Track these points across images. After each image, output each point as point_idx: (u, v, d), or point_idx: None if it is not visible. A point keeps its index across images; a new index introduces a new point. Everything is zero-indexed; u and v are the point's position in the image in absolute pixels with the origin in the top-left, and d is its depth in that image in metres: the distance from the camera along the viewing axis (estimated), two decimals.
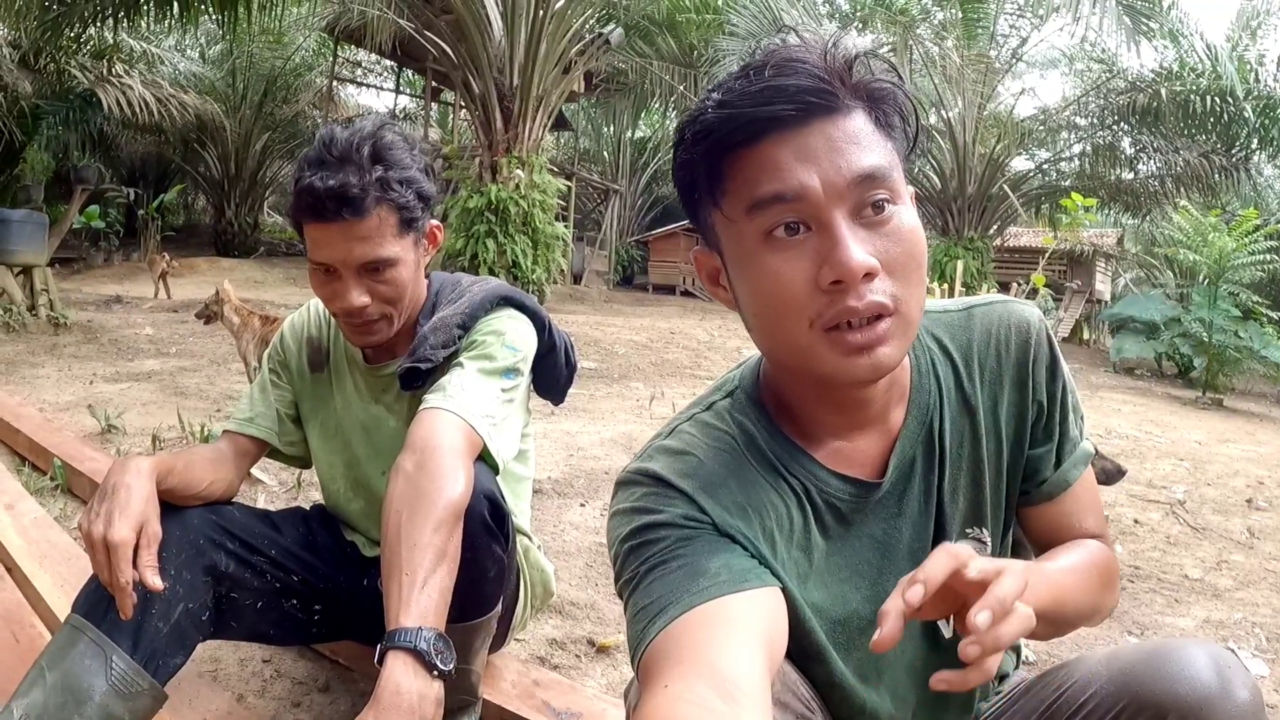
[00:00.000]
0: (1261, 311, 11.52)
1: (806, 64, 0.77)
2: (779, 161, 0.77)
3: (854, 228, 0.77)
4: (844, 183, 0.76)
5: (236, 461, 1.56)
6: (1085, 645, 2.39)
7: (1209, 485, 4.67)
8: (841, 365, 0.79)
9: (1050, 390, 0.95)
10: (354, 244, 1.38)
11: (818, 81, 0.77)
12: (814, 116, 0.77)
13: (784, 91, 0.76)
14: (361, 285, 1.41)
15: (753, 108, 0.77)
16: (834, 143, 0.77)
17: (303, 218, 1.39)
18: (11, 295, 7.75)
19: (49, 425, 3.80)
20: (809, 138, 0.77)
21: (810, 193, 0.76)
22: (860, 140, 0.78)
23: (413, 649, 1.08)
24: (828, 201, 0.76)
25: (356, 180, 1.35)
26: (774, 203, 0.77)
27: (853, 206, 0.77)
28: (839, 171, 0.76)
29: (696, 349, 9.51)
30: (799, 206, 0.77)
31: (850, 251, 0.75)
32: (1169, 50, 15.20)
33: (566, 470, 3.85)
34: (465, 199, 11.64)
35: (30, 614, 1.96)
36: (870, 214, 0.78)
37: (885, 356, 0.78)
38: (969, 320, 0.97)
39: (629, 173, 25.15)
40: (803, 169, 0.76)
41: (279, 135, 20.20)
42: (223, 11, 8.62)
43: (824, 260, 0.76)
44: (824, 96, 0.77)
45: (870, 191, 0.77)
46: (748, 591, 0.79)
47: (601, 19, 13.75)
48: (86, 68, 12.93)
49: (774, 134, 0.77)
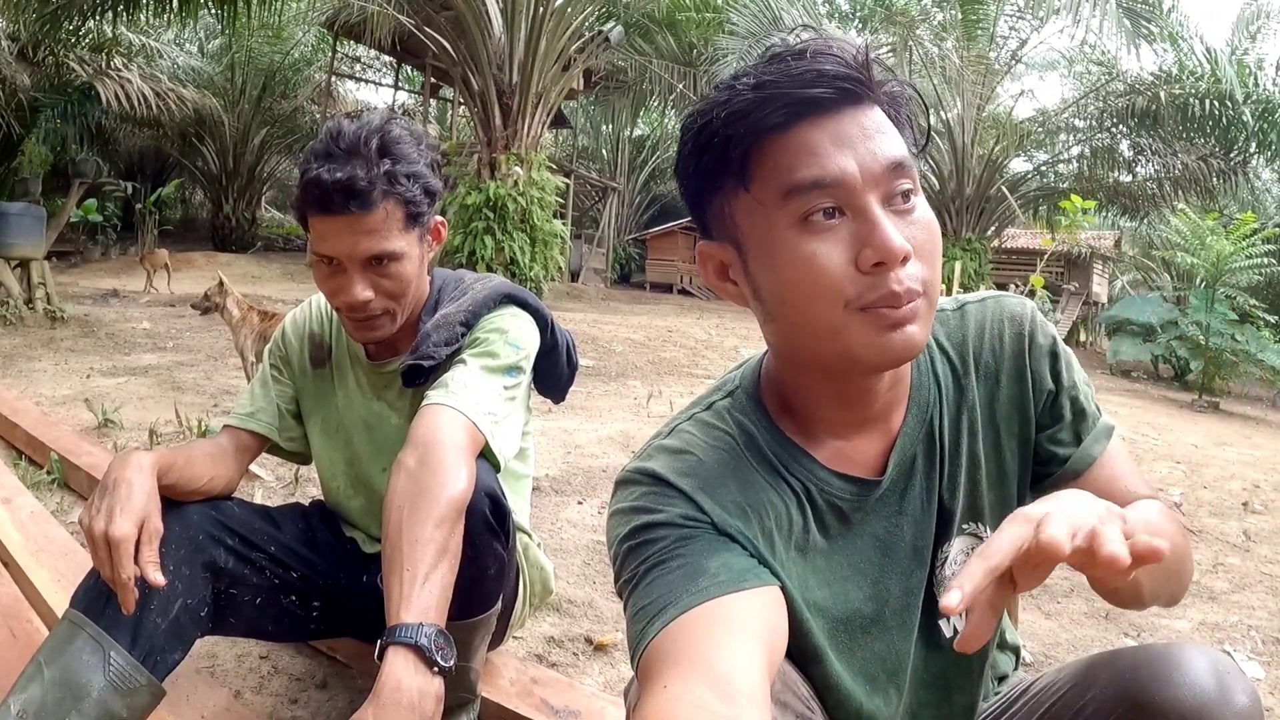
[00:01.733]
0: (1258, 315, 11.55)
1: (840, 55, 0.79)
2: (815, 146, 0.78)
3: (888, 214, 0.78)
4: (879, 169, 0.78)
5: (237, 457, 1.55)
6: (1083, 648, 2.40)
7: (1205, 488, 4.68)
8: (876, 343, 0.79)
9: (1054, 373, 0.95)
10: (360, 237, 1.37)
11: (852, 70, 0.79)
12: (847, 104, 0.79)
13: (824, 75, 0.77)
14: (365, 279, 1.41)
15: (793, 89, 0.77)
16: (866, 130, 0.79)
17: (309, 210, 1.38)
18: (9, 289, 7.74)
19: (46, 419, 3.79)
20: (844, 124, 0.78)
21: (849, 178, 0.77)
22: (886, 131, 0.80)
23: (414, 645, 1.07)
24: (864, 187, 0.77)
25: (364, 173, 1.34)
26: (813, 188, 0.77)
27: (885, 194, 0.79)
28: (875, 158, 0.78)
29: (694, 347, 9.52)
30: (837, 192, 0.77)
31: (892, 235, 0.76)
32: (1168, 53, 15.22)
33: (564, 468, 3.85)
34: (463, 196, 11.65)
35: (28, 609, 1.96)
36: (899, 202, 0.79)
37: (917, 335, 0.79)
38: (962, 318, 0.97)
39: (627, 171, 25.16)
40: (840, 155, 0.77)
41: (277, 130, 20.20)
42: (222, 6, 8.62)
43: (864, 243, 0.77)
44: (857, 85, 0.79)
45: (899, 180, 0.79)
46: (747, 591, 0.79)
47: (601, 17, 13.76)
48: (85, 61, 12.87)
49: (811, 118, 0.78)
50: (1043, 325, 0.96)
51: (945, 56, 15.92)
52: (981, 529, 0.96)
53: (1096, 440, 0.94)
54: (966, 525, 0.95)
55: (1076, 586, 2.85)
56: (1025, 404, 0.94)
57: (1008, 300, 0.98)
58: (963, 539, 0.95)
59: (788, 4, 12.67)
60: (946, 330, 0.97)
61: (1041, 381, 0.94)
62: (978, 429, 0.94)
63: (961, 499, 0.94)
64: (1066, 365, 0.95)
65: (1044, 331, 0.95)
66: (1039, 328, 0.95)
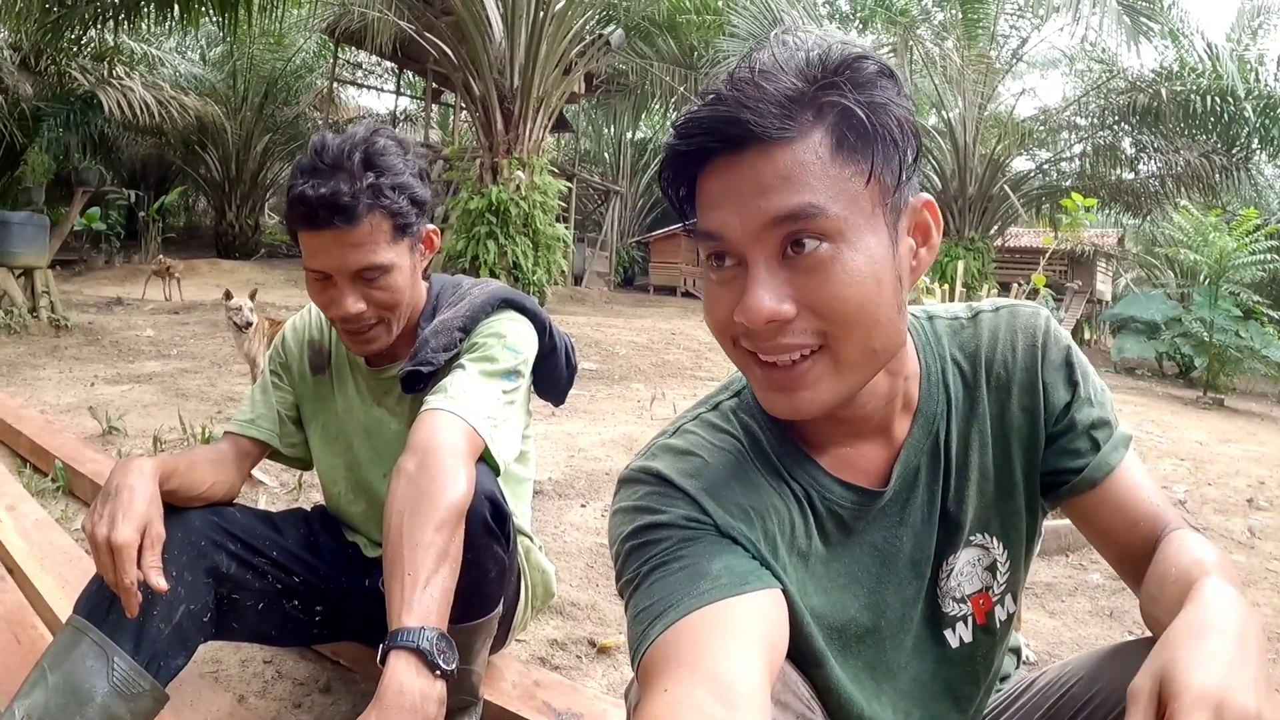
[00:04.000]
0: (1262, 311, 11.50)
1: (763, 88, 0.74)
2: (711, 196, 0.78)
3: (774, 269, 0.75)
4: (759, 225, 0.74)
5: (238, 463, 1.56)
6: (1087, 647, 2.40)
7: (1210, 485, 4.67)
8: (762, 396, 0.82)
9: (1069, 382, 0.93)
10: (347, 251, 1.38)
11: (768, 107, 0.73)
12: (748, 148, 0.74)
13: (718, 123, 0.74)
14: (356, 292, 1.41)
15: (690, 138, 0.77)
16: (761, 180, 0.74)
17: (296, 225, 1.39)
18: (13, 297, 7.76)
19: (50, 427, 3.80)
20: (738, 172, 0.75)
21: (730, 233, 0.76)
22: (792, 175, 0.73)
23: (415, 648, 1.08)
24: (745, 242, 0.76)
25: (348, 188, 1.35)
26: (707, 239, 0.78)
27: (774, 247, 0.75)
28: (759, 211, 0.74)
29: (697, 350, 9.52)
30: (722, 245, 0.77)
31: (754, 298, 0.75)
32: (1169, 50, 15.19)
33: (567, 471, 3.85)
34: (466, 200, 11.65)
35: (32, 615, 1.96)
36: (791, 253, 0.75)
37: (806, 401, 0.79)
38: (976, 328, 0.96)
39: (630, 174, 25.18)
40: (726, 208, 0.76)
41: (280, 137, 20.23)
42: (223, 13, 8.62)
43: (738, 300, 0.77)
44: (764, 128, 0.73)
45: (792, 231, 0.74)
46: (749, 594, 0.78)
47: (602, 20, 13.77)
48: (87, 70, 12.93)
49: (709, 165, 0.77)
50: (1056, 336, 0.94)
51: (946, 56, 15.90)
52: (990, 541, 0.96)
53: (1115, 449, 0.92)
54: (975, 537, 0.95)
55: (1080, 585, 2.84)
56: (1036, 415, 0.93)
57: (1021, 310, 0.96)
58: (970, 551, 0.95)
59: (788, 5, 12.69)
60: (960, 341, 0.95)
61: (1054, 393, 0.92)
62: (988, 441, 0.94)
63: (970, 511, 0.94)
64: (1082, 375, 0.93)
65: (1057, 342, 0.94)
66: (1052, 338, 0.94)
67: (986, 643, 0.98)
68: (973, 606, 0.96)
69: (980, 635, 0.97)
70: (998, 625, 0.98)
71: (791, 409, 0.80)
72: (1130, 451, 0.94)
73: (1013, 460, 0.94)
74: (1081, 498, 0.92)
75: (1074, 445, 0.92)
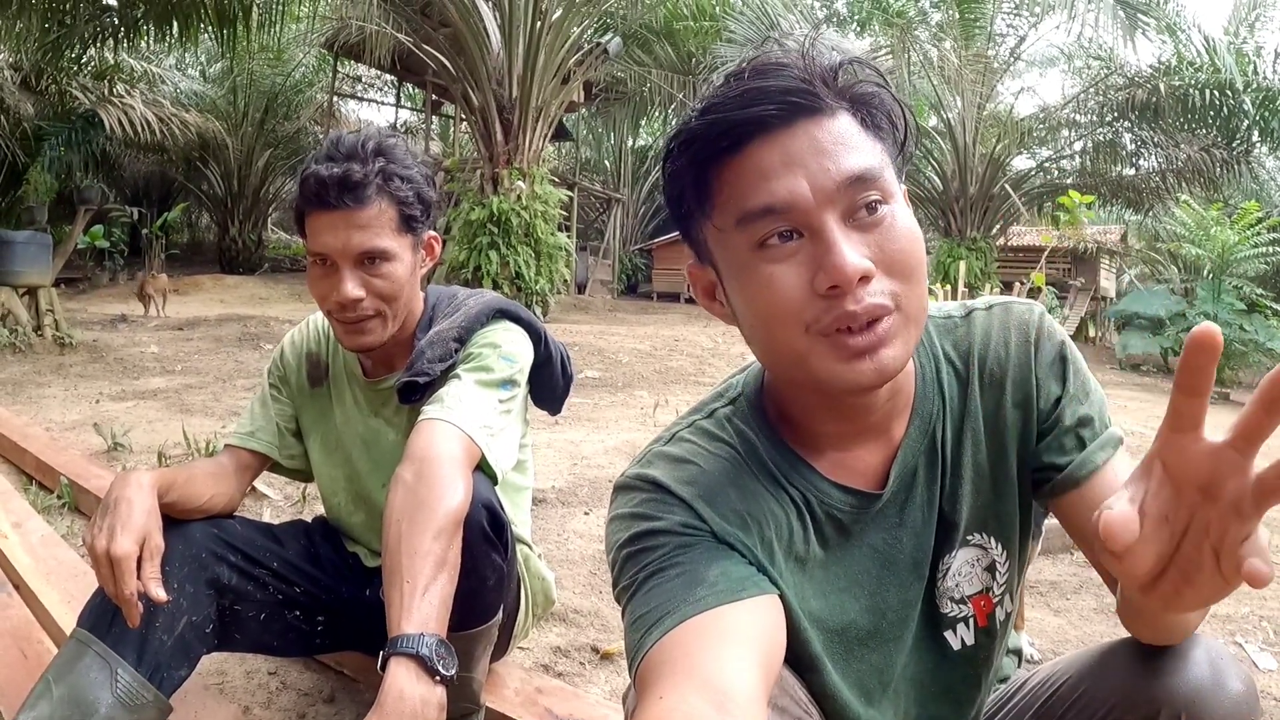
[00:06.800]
0: (1266, 304, 11.50)
1: (787, 67, 0.77)
2: (765, 168, 0.75)
3: (847, 231, 0.75)
4: (833, 186, 0.75)
5: (238, 475, 1.57)
6: (1091, 642, 2.39)
7: None
8: (842, 370, 0.77)
9: (1062, 378, 0.91)
10: (353, 231, 1.41)
11: (799, 82, 0.76)
12: (798, 117, 0.76)
13: (766, 93, 0.75)
14: (356, 277, 1.43)
15: (736, 110, 0.76)
16: (820, 145, 0.76)
17: (306, 206, 1.43)
18: (17, 316, 7.80)
19: (55, 444, 3.83)
20: (794, 140, 0.76)
21: (800, 200, 0.75)
22: (847, 141, 0.76)
23: (415, 655, 1.09)
24: (818, 206, 0.75)
25: (360, 169, 1.40)
26: (764, 215, 0.76)
27: (845, 210, 0.75)
28: (828, 175, 0.75)
29: (700, 356, 9.51)
30: (790, 216, 0.75)
31: (844, 256, 0.73)
32: (1167, 45, 15.20)
33: (570, 479, 3.85)
34: (467, 211, 11.69)
35: (38, 630, 1.98)
36: (864, 215, 0.76)
37: (889, 359, 0.77)
38: (969, 325, 0.95)
39: (631, 181, 25.22)
40: (790, 175, 0.75)
41: (281, 152, 20.31)
42: (222, 29, 8.68)
43: (818, 266, 0.74)
44: (806, 97, 0.76)
45: (861, 193, 0.76)
46: (745, 601, 0.79)
47: (599, 29, 13.82)
48: (88, 88, 13.01)
49: (759, 138, 0.76)
50: (1050, 331, 0.93)
51: (944, 57, 15.91)
52: (988, 540, 0.95)
53: (1101, 449, 0.89)
54: (972, 537, 0.94)
55: (1085, 583, 2.84)
56: (1029, 412, 0.91)
57: (1015, 306, 0.95)
58: (967, 550, 0.94)
59: (785, 10, 12.73)
60: (954, 339, 0.94)
61: (1046, 388, 0.91)
62: (981, 439, 0.92)
63: (966, 510, 0.93)
64: (1074, 370, 0.92)
65: (1051, 337, 0.92)
66: (1045, 334, 0.92)
67: (987, 645, 0.98)
68: (974, 609, 0.96)
69: (982, 638, 0.97)
70: (998, 626, 0.98)
71: (877, 371, 0.77)
72: (1120, 453, 0.90)
73: (1008, 458, 0.93)
74: (1064, 496, 0.90)
75: (1060, 442, 0.90)
